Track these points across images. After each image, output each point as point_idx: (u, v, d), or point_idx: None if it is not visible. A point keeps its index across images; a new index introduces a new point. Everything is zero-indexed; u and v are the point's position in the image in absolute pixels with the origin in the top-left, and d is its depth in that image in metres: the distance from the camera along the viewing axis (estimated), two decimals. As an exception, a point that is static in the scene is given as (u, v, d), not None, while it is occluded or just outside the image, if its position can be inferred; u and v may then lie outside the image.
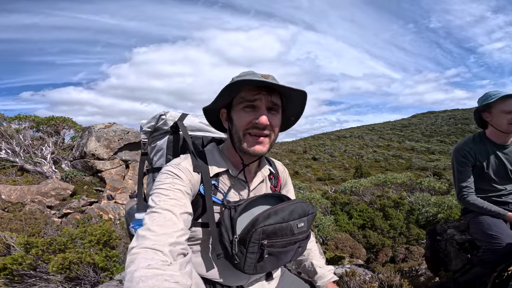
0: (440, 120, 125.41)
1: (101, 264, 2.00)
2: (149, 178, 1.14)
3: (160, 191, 0.80)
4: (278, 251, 0.85)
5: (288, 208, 0.87)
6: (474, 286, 1.73)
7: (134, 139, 6.72)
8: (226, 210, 0.87)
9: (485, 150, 1.89)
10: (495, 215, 1.78)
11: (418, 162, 42.76)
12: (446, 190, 11.30)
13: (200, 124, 1.13)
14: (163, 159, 1.09)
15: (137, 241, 0.66)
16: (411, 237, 6.21)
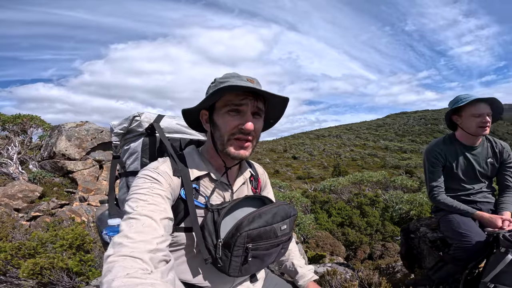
0: (412, 120, 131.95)
1: (75, 268, 1.91)
2: (121, 183, 1.07)
3: (137, 196, 0.75)
4: (262, 254, 0.85)
5: (271, 211, 0.87)
6: (447, 283, 1.81)
7: (108, 138, 6.43)
8: (209, 214, 0.85)
9: (455, 151, 1.96)
10: (464, 214, 1.86)
11: (391, 161, 44.69)
12: (417, 188, 11.89)
13: (178, 126, 1.08)
14: (137, 163, 1.02)
15: (114, 249, 0.62)
16: (387, 234, 6.46)
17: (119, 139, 1.10)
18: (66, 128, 5.95)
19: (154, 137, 1.04)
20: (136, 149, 1.04)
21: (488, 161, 1.96)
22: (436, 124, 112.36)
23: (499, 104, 1.85)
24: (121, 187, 1.07)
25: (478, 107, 1.81)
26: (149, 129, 1.03)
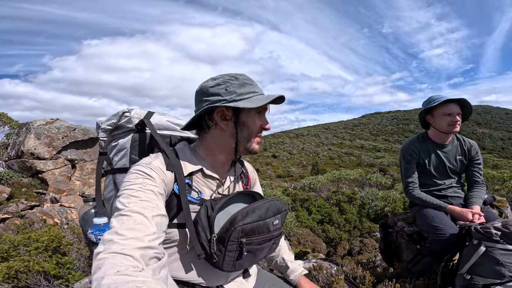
0: (385, 120, 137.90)
1: (52, 272, 1.82)
2: (107, 180, 1.05)
3: (129, 192, 0.74)
4: (255, 248, 0.87)
5: (264, 206, 0.89)
6: (426, 275, 1.91)
7: (81, 136, 6.10)
8: (203, 209, 0.86)
9: (427, 149, 2.08)
10: (437, 208, 1.97)
11: (367, 159, 46.43)
12: (390, 185, 12.46)
13: (167, 123, 1.08)
14: (126, 159, 1.01)
15: (104, 246, 0.61)
16: (364, 230, 6.72)
17: (106, 135, 1.07)
18: (35, 125, 5.57)
19: (144, 133, 1.03)
20: (124, 145, 1.02)
21: (458, 158, 2.10)
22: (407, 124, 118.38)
23: (468, 105, 1.99)
24: (107, 185, 1.04)
25: (449, 107, 1.94)
26: (140, 125, 1.02)
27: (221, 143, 0.96)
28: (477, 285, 1.47)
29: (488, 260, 1.47)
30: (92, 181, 6.27)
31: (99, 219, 0.99)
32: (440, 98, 1.97)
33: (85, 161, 6.23)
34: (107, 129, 1.06)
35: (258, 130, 0.95)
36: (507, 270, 1.41)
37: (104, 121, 1.07)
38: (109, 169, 1.05)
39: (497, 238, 1.49)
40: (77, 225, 3.17)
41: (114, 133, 1.06)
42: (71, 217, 4.41)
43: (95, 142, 6.49)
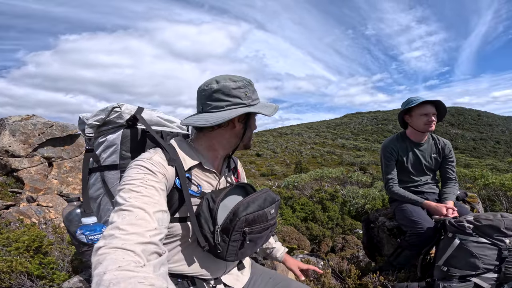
0: (365, 120, 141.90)
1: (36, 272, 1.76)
2: (93, 178, 1.01)
3: (130, 187, 0.74)
4: (256, 237, 0.92)
5: (261, 197, 0.94)
6: (406, 267, 2.03)
7: (59, 133, 5.85)
8: (204, 202, 0.89)
9: (405, 147, 2.21)
10: (414, 203, 2.09)
11: (348, 158, 47.60)
12: (370, 183, 12.89)
13: (158, 119, 1.07)
14: (115, 156, 0.98)
15: (105, 240, 0.60)
16: (346, 227, 6.91)
17: (93, 131, 1.03)
18: (10, 122, 5.29)
19: (135, 129, 1.02)
20: (114, 141, 0.99)
21: (433, 156, 2.23)
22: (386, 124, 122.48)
23: (443, 106, 2.12)
24: (94, 183, 1.01)
25: (426, 108, 2.06)
26: (131, 121, 1.00)
27: (226, 140, 1.00)
28: (453, 276, 1.57)
29: (462, 252, 1.59)
30: (70, 180, 6.04)
31: (88, 219, 0.96)
32: (417, 99, 2.09)
33: (63, 159, 5.99)
34: (94, 125, 1.02)
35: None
36: (481, 262, 1.52)
37: (90, 116, 1.04)
38: (96, 167, 1.02)
39: (470, 231, 1.60)
40: (57, 224, 3.06)
41: (101, 129, 1.03)
42: (49, 216, 4.23)
43: (74, 139, 6.25)
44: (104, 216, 0.97)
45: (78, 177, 6.11)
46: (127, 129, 1.00)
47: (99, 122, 1.02)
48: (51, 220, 4.03)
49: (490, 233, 1.56)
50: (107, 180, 0.97)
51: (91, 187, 1.02)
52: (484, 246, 1.55)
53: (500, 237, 1.54)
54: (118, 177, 0.96)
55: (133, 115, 1.00)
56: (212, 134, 0.98)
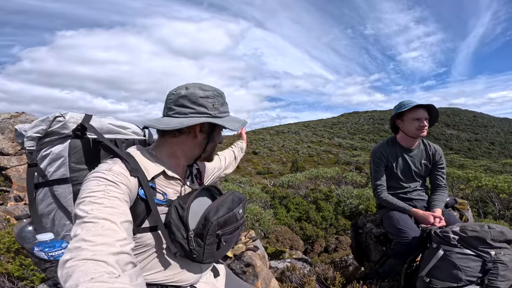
0: (362, 119, 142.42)
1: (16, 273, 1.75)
2: (41, 194, 0.94)
3: (91, 200, 0.70)
4: (229, 237, 0.96)
5: (229, 199, 0.97)
6: (391, 276, 2.01)
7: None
8: (173, 209, 0.89)
9: (395, 152, 2.18)
10: (402, 210, 2.06)
11: (344, 157, 47.74)
12: (365, 183, 12.93)
13: (110, 126, 1.02)
14: (64, 169, 0.91)
15: (71, 253, 0.57)
16: (339, 228, 6.92)
17: (34, 143, 0.95)
18: (-2, 118, 5.20)
19: (85, 138, 0.95)
20: (61, 154, 0.92)
21: (423, 162, 2.19)
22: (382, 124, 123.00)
23: (435, 111, 2.08)
24: (43, 198, 0.94)
25: (418, 112, 2.02)
26: (79, 130, 0.93)
27: (187, 149, 1.00)
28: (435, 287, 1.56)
29: (445, 263, 1.57)
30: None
31: (44, 236, 0.90)
32: (410, 103, 2.05)
33: (55, 156, 5.92)
34: (35, 137, 0.94)
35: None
36: (464, 274, 1.51)
37: (28, 128, 0.96)
38: (42, 181, 0.94)
39: (455, 242, 1.59)
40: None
41: (43, 140, 0.94)
42: (38, 216, 4.19)
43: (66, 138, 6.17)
44: (62, 231, 0.93)
45: (70, 175, 6.05)
46: (75, 140, 0.93)
47: (40, 133, 0.93)
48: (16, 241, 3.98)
49: (475, 245, 1.54)
50: (58, 195, 0.92)
51: (40, 203, 0.95)
52: (468, 258, 1.53)
53: (485, 249, 1.52)
54: (71, 191, 0.91)
55: (81, 124, 0.93)
56: (174, 140, 0.97)
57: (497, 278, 1.47)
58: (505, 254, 1.51)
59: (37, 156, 0.95)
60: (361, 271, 2.42)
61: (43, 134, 0.93)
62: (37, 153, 0.95)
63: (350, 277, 2.14)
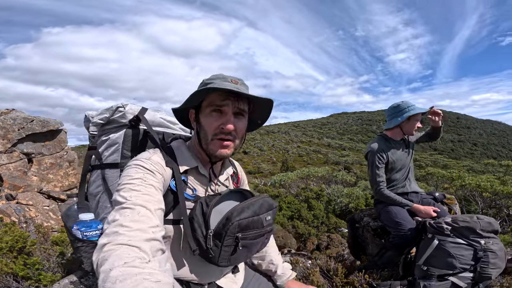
0: (351, 120, 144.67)
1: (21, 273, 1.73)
2: (94, 175, 1.02)
3: (130, 187, 0.74)
4: (250, 243, 0.89)
5: (257, 203, 0.91)
6: (390, 267, 2.12)
7: (40, 128, 5.64)
8: (198, 206, 0.87)
9: (390, 147, 2.33)
10: (403, 206, 2.19)
11: (333, 157, 48.36)
12: (354, 183, 13.19)
13: (160, 120, 1.08)
14: (117, 154, 0.99)
15: (108, 237, 0.60)
16: (331, 226, 7.06)
17: (97, 129, 1.05)
18: (-13, 115, 5.05)
19: (137, 129, 1.02)
20: (116, 140, 1.00)
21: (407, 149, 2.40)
22: (370, 125, 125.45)
23: None
24: (94, 180, 1.02)
25: (419, 115, 2.22)
26: (134, 121, 1.01)
27: (196, 142, 0.96)
28: (433, 275, 1.67)
29: (441, 252, 1.68)
30: (51, 177, 5.85)
31: (85, 215, 0.95)
32: (414, 106, 2.21)
33: (43, 155, 5.79)
34: (99, 123, 1.04)
35: (215, 130, 0.88)
36: (458, 262, 1.62)
37: (95, 115, 1.05)
38: (97, 164, 1.02)
39: (448, 232, 1.70)
40: (40, 224, 2.97)
41: (105, 127, 1.04)
42: (29, 215, 4.09)
43: (55, 135, 6.05)
44: (102, 213, 0.97)
45: (59, 174, 5.92)
46: (129, 129, 1.01)
47: (103, 120, 1.03)
48: (31, 218, 3.90)
49: (466, 234, 1.66)
50: (107, 178, 0.98)
51: (91, 184, 1.02)
52: (460, 247, 1.65)
53: (476, 238, 1.64)
54: (118, 176, 0.96)
55: (136, 115, 1.00)
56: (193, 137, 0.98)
57: (488, 265, 1.59)
58: (494, 243, 1.63)
59: (98, 141, 1.03)
60: (360, 264, 2.52)
61: (105, 121, 1.02)
62: (98, 138, 1.04)
63: (349, 269, 2.23)
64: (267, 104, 0.95)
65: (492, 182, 7.20)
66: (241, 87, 0.90)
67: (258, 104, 0.95)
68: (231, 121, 0.88)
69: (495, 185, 6.62)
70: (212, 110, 0.88)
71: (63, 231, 2.59)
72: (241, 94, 0.87)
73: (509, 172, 9.85)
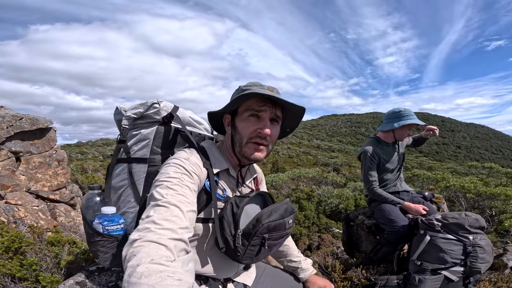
0: (340, 122, 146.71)
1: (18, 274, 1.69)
2: (119, 168, 1.02)
3: (168, 184, 0.77)
4: (273, 243, 0.95)
5: (283, 207, 0.97)
6: (384, 262, 2.21)
7: (29, 126, 5.49)
8: (229, 206, 0.92)
9: (382, 148, 2.44)
10: (395, 204, 2.30)
11: (322, 159, 48.87)
12: (344, 184, 13.41)
13: (189, 119, 1.10)
14: (146, 150, 1.00)
15: (139, 233, 0.64)
16: (321, 226, 7.17)
17: (129, 123, 1.04)
18: (-27, 112, 4.89)
19: (169, 126, 1.03)
20: (147, 136, 1.01)
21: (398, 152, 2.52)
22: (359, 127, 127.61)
23: None
24: (119, 173, 1.01)
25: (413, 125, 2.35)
26: (167, 118, 1.02)
27: (229, 145, 1.01)
28: (426, 269, 1.76)
29: (433, 247, 1.77)
30: (39, 176, 5.71)
31: (108, 209, 0.95)
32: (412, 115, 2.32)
33: (32, 153, 5.64)
34: (132, 117, 1.04)
35: (251, 134, 0.93)
36: (449, 257, 1.72)
37: (128, 108, 1.05)
38: (124, 157, 1.02)
39: (439, 228, 1.80)
40: (34, 224, 2.91)
41: (137, 122, 1.04)
42: (19, 215, 4.00)
43: (44, 133, 5.92)
44: (123, 207, 0.97)
45: (48, 173, 5.78)
46: (161, 126, 1.02)
47: (137, 115, 1.03)
48: (20, 219, 3.81)
49: (456, 230, 1.75)
50: (134, 172, 0.98)
51: (115, 177, 1.02)
52: (451, 242, 1.74)
53: (464, 234, 1.74)
54: (145, 171, 0.97)
55: (170, 113, 1.02)
56: (224, 139, 1.04)
57: (477, 260, 1.69)
58: (481, 239, 1.74)
59: (127, 134, 1.03)
60: (356, 260, 2.60)
61: (139, 116, 1.03)
62: (128, 132, 1.04)
63: (346, 265, 2.31)
64: (299, 112, 1.01)
65: (475, 183, 7.47)
66: (277, 95, 0.94)
67: (291, 112, 1.01)
68: (268, 125, 0.93)
69: (478, 186, 6.89)
70: (250, 115, 0.93)
71: (58, 231, 2.55)
72: (279, 100, 0.92)
73: (492, 174, 10.26)
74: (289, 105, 0.95)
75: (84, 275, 1.28)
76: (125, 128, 1.04)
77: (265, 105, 0.93)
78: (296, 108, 0.97)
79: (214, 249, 0.95)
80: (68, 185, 6.05)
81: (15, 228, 2.47)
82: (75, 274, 1.31)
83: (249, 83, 0.98)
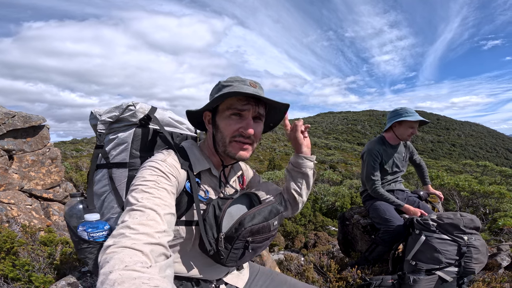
0: (336, 120, 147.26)
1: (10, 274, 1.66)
2: (100, 174, 0.99)
3: (143, 188, 0.74)
4: (257, 246, 0.91)
5: (267, 209, 0.93)
6: (380, 261, 2.21)
7: (21, 124, 5.41)
8: (211, 208, 0.89)
9: (385, 149, 2.44)
10: (395, 205, 2.31)
11: (319, 156, 49.08)
12: (340, 181, 13.48)
13: (169, 119, 1.06)
14: (125, 154, 0.96)
15: (114, 239, 0.61)
16: (318, 224, 7.20)
17: (105, 127, 1.01)
18: (-37, 109, 4.80)
19: (147, 128, 1.00)
20: (125, 140, 0.97)
21: (403, 156, 2.53)
22: (355, 125, 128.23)
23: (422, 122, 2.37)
24: (100, 179, 0.99)
25: (415, 122, 2.29)
26: (144, 120, 0.99)
27: (210, 144, 0.98)
28: (421, 269, 1.76)
29: (428, 247, 1.78)
30: (32, 174, 5.65)
31: (91, 216, 0.92)
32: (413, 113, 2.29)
33: (25, 151, 5.57)
34: (107, 122, 1.00)
35: (233, 133, 0.90)
36: (444, 257, 1.72)
37: (103, 112, 1.02)
38: (104, 163, 0.99)
39: (434, 228, 1.80)
40: (26, 224, 2.87)
41: (113, 126, 1.01)
42: (11, 214, 3.94)
43: (37, 131, 5.84)
44: (107, 213, 0.95)
45: (41, 171, 5.72)
46: (139, 128, 0.99)
47: (112, 119, 1.00)
48: (13, 218, 3.76)
49: (451, 230, 1.76)
50: (115, 178, 0.95)
51: (96, 183, 0.99)
52: (445, 242, 1.75)
53: (459, 234, 1.74)
54: (126, 175, 0.94)
55: (147, 114, 0.98)
56: (206, 138, 1.00)
57: (471, 260, 1.69)
58: (476, 239, 1.74)
59: (105, 139, 1.00)
60: (351, 259, 2.61)
61: (114, 119, 0.99)
62: (105, 136, 1.00)
63: (341, 265, 2.31)
64: (282, 108, 0.98)
65: (469, 181, 7.53)
66: (260, 90, 0.92)
67: (274, 108, 0.98)
68: (251, 125, 0.90)
69: (472, 184, 6.94)
70: (232, 114, 0.90)
71: (51, 231, 2.52)
72: (262, 99, 0.89)
73: (486, 172, 10.36)
74: (273, 103, 0.92)
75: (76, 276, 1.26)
76: (101, 132, 1.01)
77: (248, 104, 0.89)
78: (280, 105, 0.95)
79: (199, 251, 0.93)
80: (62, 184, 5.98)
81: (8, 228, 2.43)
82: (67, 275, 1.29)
83: (229, 78, 0.94)
